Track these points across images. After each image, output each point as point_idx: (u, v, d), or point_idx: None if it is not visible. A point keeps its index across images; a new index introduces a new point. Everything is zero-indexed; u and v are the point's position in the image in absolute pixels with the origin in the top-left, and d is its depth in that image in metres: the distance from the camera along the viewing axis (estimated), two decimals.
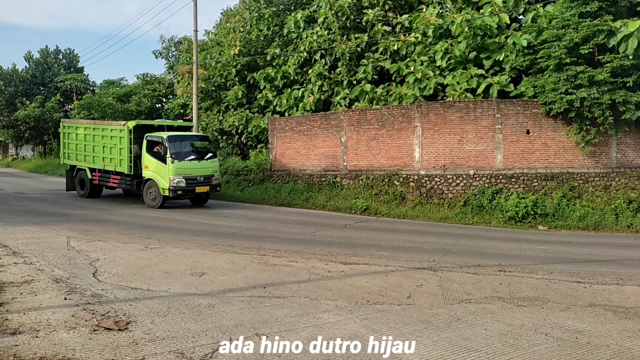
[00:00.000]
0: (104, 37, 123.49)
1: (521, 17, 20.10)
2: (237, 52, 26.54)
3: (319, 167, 20.77)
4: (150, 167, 17.25)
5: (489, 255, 10.75)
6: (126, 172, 17.95)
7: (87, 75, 52.84)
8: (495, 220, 16.04)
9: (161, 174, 16.93)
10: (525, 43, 17.29)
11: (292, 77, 24.42)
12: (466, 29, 18.15)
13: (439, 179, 18.03)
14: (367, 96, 20.70)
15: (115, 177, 18.62)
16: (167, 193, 16.82)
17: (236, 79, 27.41)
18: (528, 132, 17.29)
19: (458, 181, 17.76)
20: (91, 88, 47.35)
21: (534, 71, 17.60)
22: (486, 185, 17.37)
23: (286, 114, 23.62)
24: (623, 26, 14.90)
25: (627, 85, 15.16)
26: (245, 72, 27.23)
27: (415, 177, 18.36)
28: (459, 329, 5.94)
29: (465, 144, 17.77)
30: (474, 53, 18.96)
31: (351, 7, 21.95)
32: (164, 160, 16.86)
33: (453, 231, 14.29)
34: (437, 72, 19.40)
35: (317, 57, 23.43)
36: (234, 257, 9.70)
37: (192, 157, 17.39)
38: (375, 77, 21.40)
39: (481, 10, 18.83)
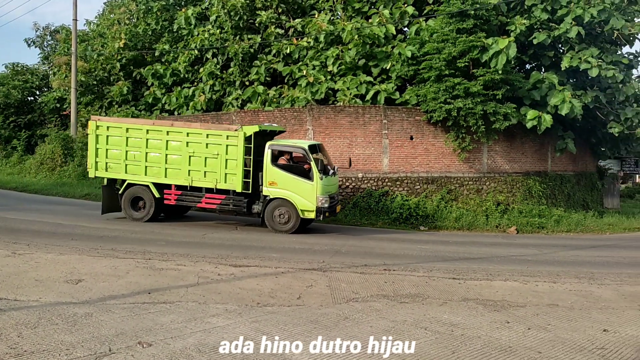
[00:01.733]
0: None
1: (406, 29, 21.28)
2: (122, 46, 25.15)
3: None
4: (280, 183, 13.69)
5: (375, 255, 11.22)
6: (238, 190, 13.78)
7: None
8: (381, 222, 16.77)
9: (301, 192, 13.58)
10: (409, 54, 18.31)
11: (182, 75, 23.64)
12: (356, 36, 18.81)
13: None
14: (259, 98, 20.64)
15: (212, 196, 14.15)
16: (311, 215, 13.63)
17: (121, 73, 25.95)
18: (412, 138, 18.32)
19: (347, 184, 18.30)
20: None
21: (417, 81, 18.70)
22: (373, 187, 18.10)
23: (175, 113, 22.79)
24: (494, 43, 16.34)
25: (497, 97, 16.66)
26: (132, 67, 25.87)
27: None
28: (347, 327, 6.11)
29: (354, 148, 18.38)
30: (363, 60, 19.70)
31: (244, 8, 21.77)
32: (306, 176, 13.63)
33: (343, 233, 14.68)
34: (329, 77, 19.89)
35: (209, 55, 22.91)
36: (116, 261, 9.13)
37: (331, 171, 14.38)
38: (268, 79, 21.42)
39: (370, 20, 19.63)
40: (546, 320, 6.84)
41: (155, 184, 14.26)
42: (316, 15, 20.73)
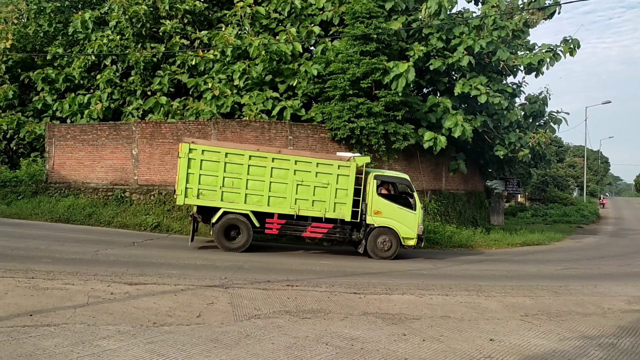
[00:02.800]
0: None
1: (313, 48, 21.73)
2: (8, 46, 23.11)
3: (105, 181, 19.15)
4: (385, 212, 14.11)
5: (279, 271, 11.17)
6: (347, 219, 13.75)
7: None
8: (285, 238, 16.73)
9: (404, 221, 14.13)
10: (315, 72, 18.69)
11: (77, 81, 22.16)
12: (263, 52, 18.87)
13: None
14: (162, 109, 19.90)
15: (319, 225, 13.81)
16: (411, 242, 14.21)
17: (6, 76, 23.78)
18: None
19: None
20: None
21: (322, 99, 19.12)
22: None
23: (68, 121, 21.28)
24: (395, 67, 17.16)
25: (397, 118, 17.47)
26: (19, 70, 23.82)
27: None
28: (248, 345, 5.99)
29: None
30: (270, 76, 19.78)
31: (147, 15, 20.99)
32: (409, 206, 14.35)
33: (248, 248, 14.46)
34: (235, 91, 19.71)
35: (108, 62, 21.77)
36: None
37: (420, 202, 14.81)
38: (171, 89, 20.76)
39: (277, 37, 19.81)
40: (439, 331, 7.19)
41: (257, 213, 13.57)
42: (223, 29, 20.52)
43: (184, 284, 9.09)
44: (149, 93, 20.74)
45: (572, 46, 19.46)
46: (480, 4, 20.93)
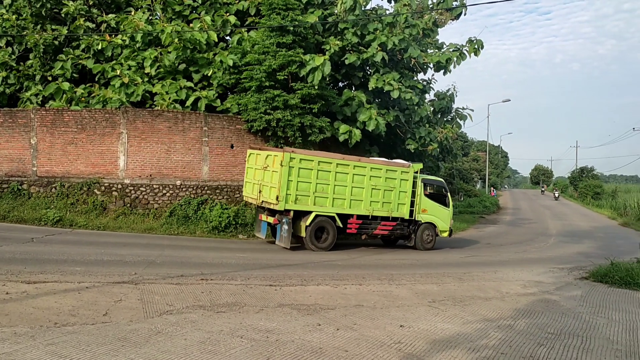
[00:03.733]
0: None
1: (228, 37, 21.30)
2: None
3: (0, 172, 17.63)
4: (429, 210, 16.91)
5: (193, 265, 10.90)
6: (406, 217, 16.24)
7: None
8: (200, 230, 16.41)
9: (440, 216, 17.17)
10: (231, 62, 18.34)
11: None
12: (176, 40, 18.21)
13: (144, 189, 17.47)
14: (65, 95, 18.59)
15: (386, 224, 15.98)
16: (445, 235, 17.46)
17: None
18: (232, 147, 18.34)
19: (165, 191, 17.55)
20: None
21: (238, 90, 18.82)
22: (192, 195, 17.65)
23: None
24: (311, 60, 17.26)
25: (313, 111, 17.61)
26: None
27: (120, 186, 17.37)
28: (159, 343, 5.79)
29: (173, 154, 17.72)
30: (184, 65, 19.16)
31: None
32: (444, 204, 17.45)
33: (158, 242, 14.00)
34: (146, 79, 18.87)
35: (2, 44, 19.99)
36: None
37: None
38: (75, 75, 19.43)
39: (191, 25, 19.20)
40: (353, 320, 7.37)
41: (340, 215, 15.02)
42: (132, 13, 19.54)
43: (89, 281, 8.60)
44: (50, 78, 19.28)
45: (476, 46, 20.61)
46: (393, 1, 21.58)
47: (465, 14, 20.81)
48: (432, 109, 22.71)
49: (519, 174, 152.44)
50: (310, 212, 14.51)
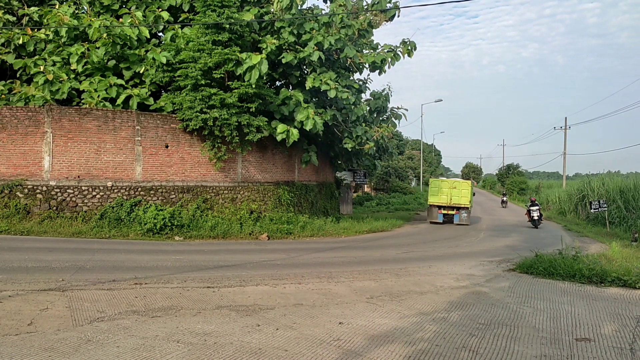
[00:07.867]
0: None
1: (161, 34, 20.68)
2: None
3: None
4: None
5: (126, 269, 10.49)
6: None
7: None
8: (134, 233, 15.85)
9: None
10: (164, 60, 17.81)
11: None
12: (105, 35, 17.46)
13: (72, 191, 16.64)
14: None
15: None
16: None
17: None
18: (167, 146, 17.83)
19: (94, 193, 16.80)
20: None
21: (173, 88, 18.32)
22: (125, 197, 17.00)
23: None
24: (248, 58, 17.07)
25: (251, 110, 17.44)
26: None
27: (44, 188, 16.44)
28: (89, 351, 5.53)
29: (103, 154, 16.99)
30: (114, 62, 18.41)
31: None
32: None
33: (87, 246, 13.38)
34: (72, 75, 17.98)
35: None
36: None
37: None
38: None
39: (121, 20, 18.47)
40: (292, 319, 7.36)
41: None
42: (57, 6, 18.54)
43: (12, 289, 8.08)
44: None
45: (409, 48, 21.18)
46: (329, 1, 21.75)
47: (398, 16, 21.34)
48: (368, 108, 23.10)
49: (451, 171, 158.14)
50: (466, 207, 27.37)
